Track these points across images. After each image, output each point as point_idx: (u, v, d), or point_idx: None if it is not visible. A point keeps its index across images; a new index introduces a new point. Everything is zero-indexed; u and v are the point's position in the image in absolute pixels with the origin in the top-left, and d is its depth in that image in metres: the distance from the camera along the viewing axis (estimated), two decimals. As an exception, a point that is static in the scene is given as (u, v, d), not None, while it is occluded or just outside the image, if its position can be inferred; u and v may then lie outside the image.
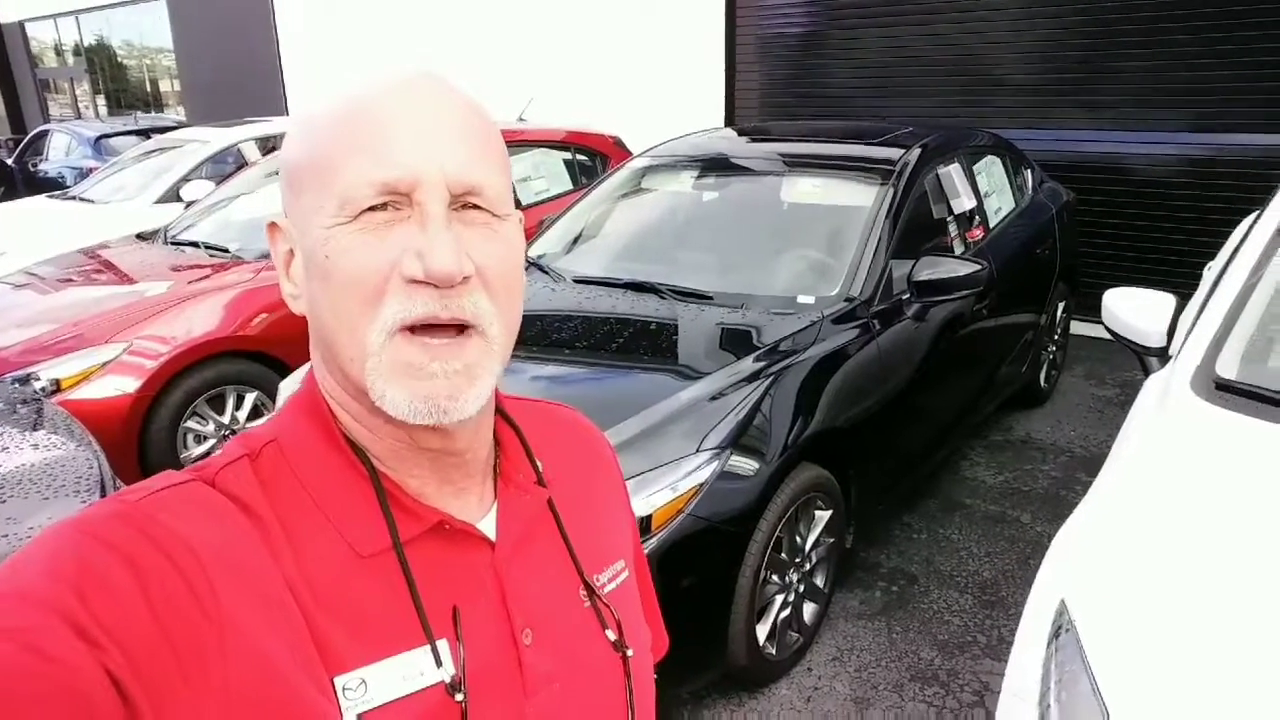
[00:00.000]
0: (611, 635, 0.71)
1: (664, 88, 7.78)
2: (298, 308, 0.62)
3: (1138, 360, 2.45)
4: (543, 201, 5.09)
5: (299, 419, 0.64)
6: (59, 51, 17.55)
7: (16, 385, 2.80)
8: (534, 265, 3.49)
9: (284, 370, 3.76)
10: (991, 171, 4.16)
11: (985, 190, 3.98)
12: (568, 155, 5.58)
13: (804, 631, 2.72)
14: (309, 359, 0.66)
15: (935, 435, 3.45)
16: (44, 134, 11.16)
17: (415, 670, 0.59)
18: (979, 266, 3.07)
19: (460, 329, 0.58)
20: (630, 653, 0.72)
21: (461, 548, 0.64)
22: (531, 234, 3.95)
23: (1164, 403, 2.03)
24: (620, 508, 0.83)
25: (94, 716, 0.46)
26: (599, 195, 3.97)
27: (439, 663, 0.59)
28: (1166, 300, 2.41)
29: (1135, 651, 1.42)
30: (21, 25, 17.31)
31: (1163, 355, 2.34)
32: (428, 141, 0.57)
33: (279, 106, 11.40)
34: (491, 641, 0.64)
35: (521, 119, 6.06)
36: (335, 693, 0.56)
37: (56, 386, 3.29)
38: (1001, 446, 4.22)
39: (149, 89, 16.29)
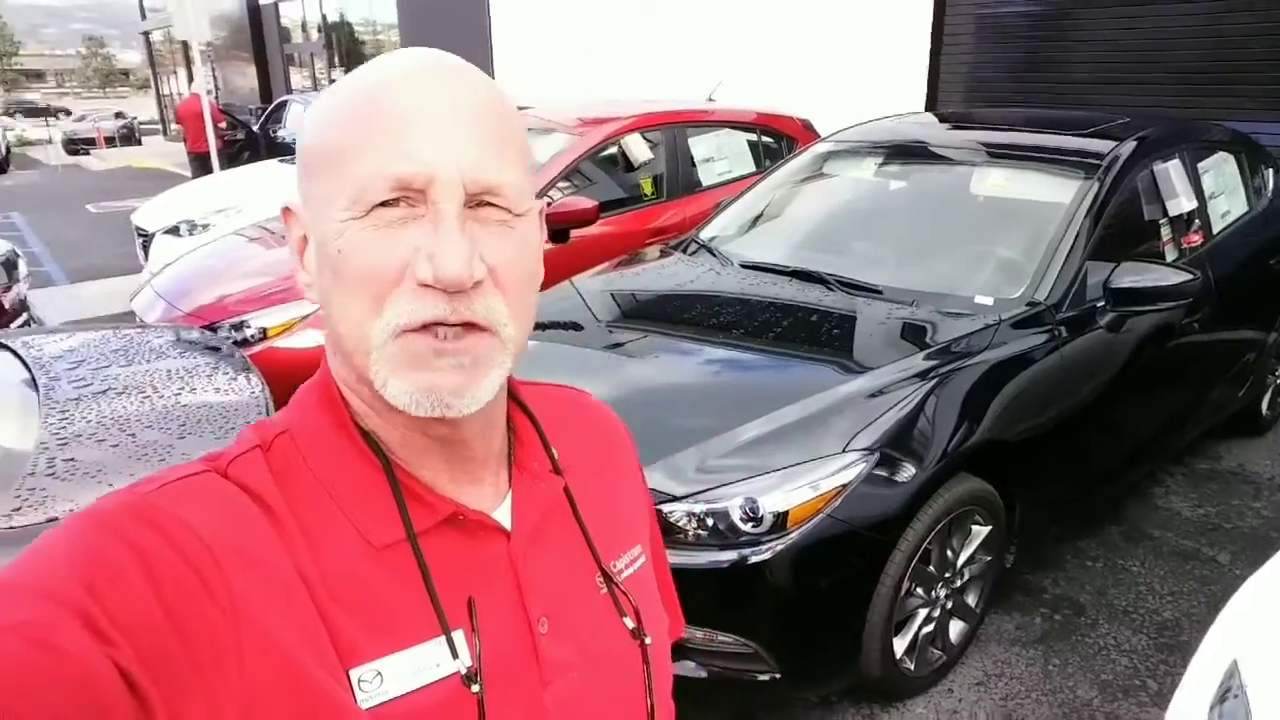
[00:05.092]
0: (629, 623, 0.70)
1: (861, 70, 7.51)
2: (312, 296, 0.61)
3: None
4: (724, 183, 5.04)
5: (311, 408, 0.63)
6: (304, 29, 19.28)
7: (208, 333, 3.10)
8: (703, 248, 3.48)
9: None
10: (1222, 170, 3.72)
11: (1211, 191, 3.56)
12: (753, 137, 5.49)
13: (948, 650, 2.57)
14: None
15: (1124, 458, 3.15)
16: (284, 104, 12.32)
17: (431, 661, 0.58)
18: (1190, 276, 2.76)
19: (470, 326, 0.56)
20: (649, 640, 0.71)
21: (476, 538, 0.64)
22: (708, 215, 3.94)
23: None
24: (636, 491, 0.81)
25: (105, 712, 0.45)
26: (776, 180, 3.89)
27: (455, 654, 0.59)
28: None
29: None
30: (276, 5, 19.19)
31: None
32: (444, 136, 0.55)
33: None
34: (507, 631, 0.63)
35: (711, 99, 6.03)
36: (351, 685, 0.55)
37: (263, 334, 3.65)
38: (1206, 476, 3.79)
39: (377, 63, 17.61)
